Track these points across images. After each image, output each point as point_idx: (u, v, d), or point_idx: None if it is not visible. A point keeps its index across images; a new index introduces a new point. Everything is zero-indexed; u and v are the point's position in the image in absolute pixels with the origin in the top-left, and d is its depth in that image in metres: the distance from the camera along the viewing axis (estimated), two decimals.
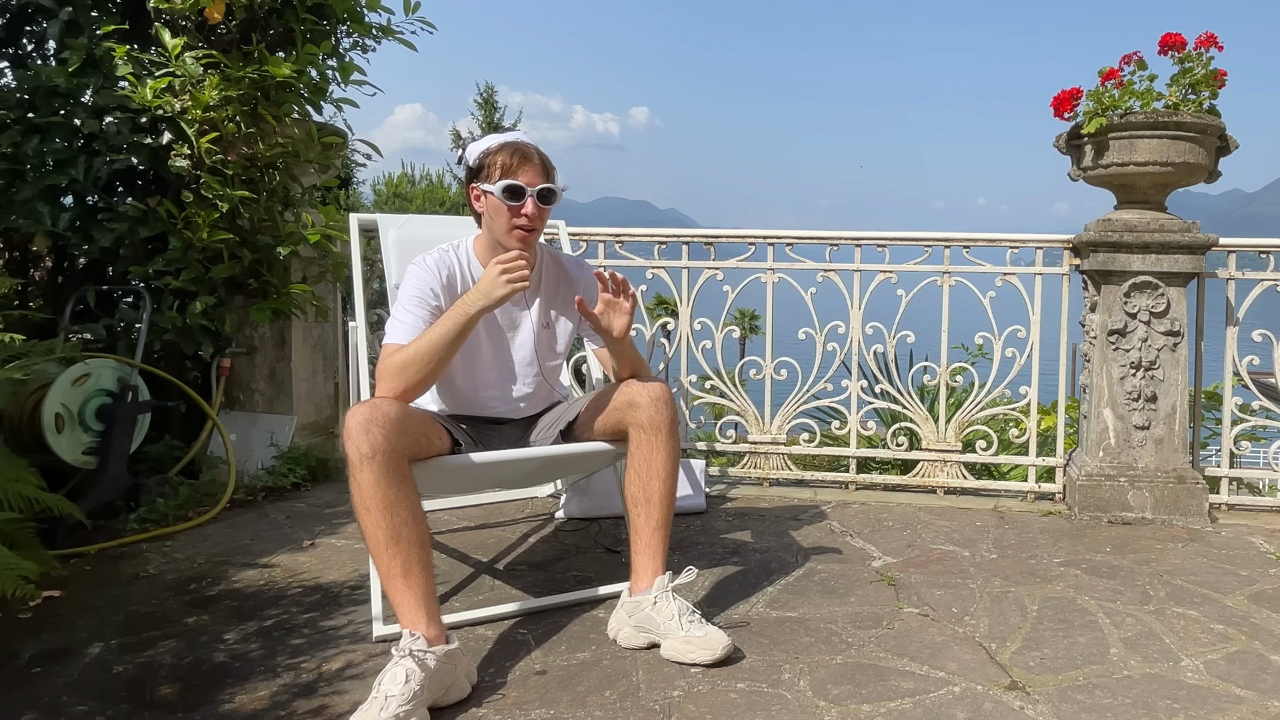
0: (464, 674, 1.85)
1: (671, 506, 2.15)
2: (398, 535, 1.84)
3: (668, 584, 2.05)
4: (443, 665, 1.77)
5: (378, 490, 1.84)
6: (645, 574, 2.09)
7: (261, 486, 3.31)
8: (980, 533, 2.99)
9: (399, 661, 1.73)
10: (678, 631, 1.97)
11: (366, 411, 1.88)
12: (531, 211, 2.12)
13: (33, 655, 2.01)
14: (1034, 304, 3.44)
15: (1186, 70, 3.05)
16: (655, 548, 2.11)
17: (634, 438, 2.14)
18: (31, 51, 3.49)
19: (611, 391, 2.21)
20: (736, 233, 3.65)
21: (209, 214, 3.13)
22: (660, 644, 2.01)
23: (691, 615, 2.01)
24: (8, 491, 2.20)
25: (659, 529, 2.11)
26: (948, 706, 1.82)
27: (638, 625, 2.05)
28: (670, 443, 2.13)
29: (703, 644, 1.95)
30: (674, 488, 2.15)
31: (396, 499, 1.85)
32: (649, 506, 2.11)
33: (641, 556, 2.11)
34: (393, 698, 1.66)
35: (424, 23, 3.61)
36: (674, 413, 2.15)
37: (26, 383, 2.82)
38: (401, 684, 1.68)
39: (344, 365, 3.64)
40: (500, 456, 2.19)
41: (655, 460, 2.12)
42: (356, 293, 2.72)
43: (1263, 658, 2.06)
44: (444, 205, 21.36)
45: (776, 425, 3.60)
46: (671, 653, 1.98)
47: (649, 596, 2.04)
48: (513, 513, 3.17)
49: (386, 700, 1.66)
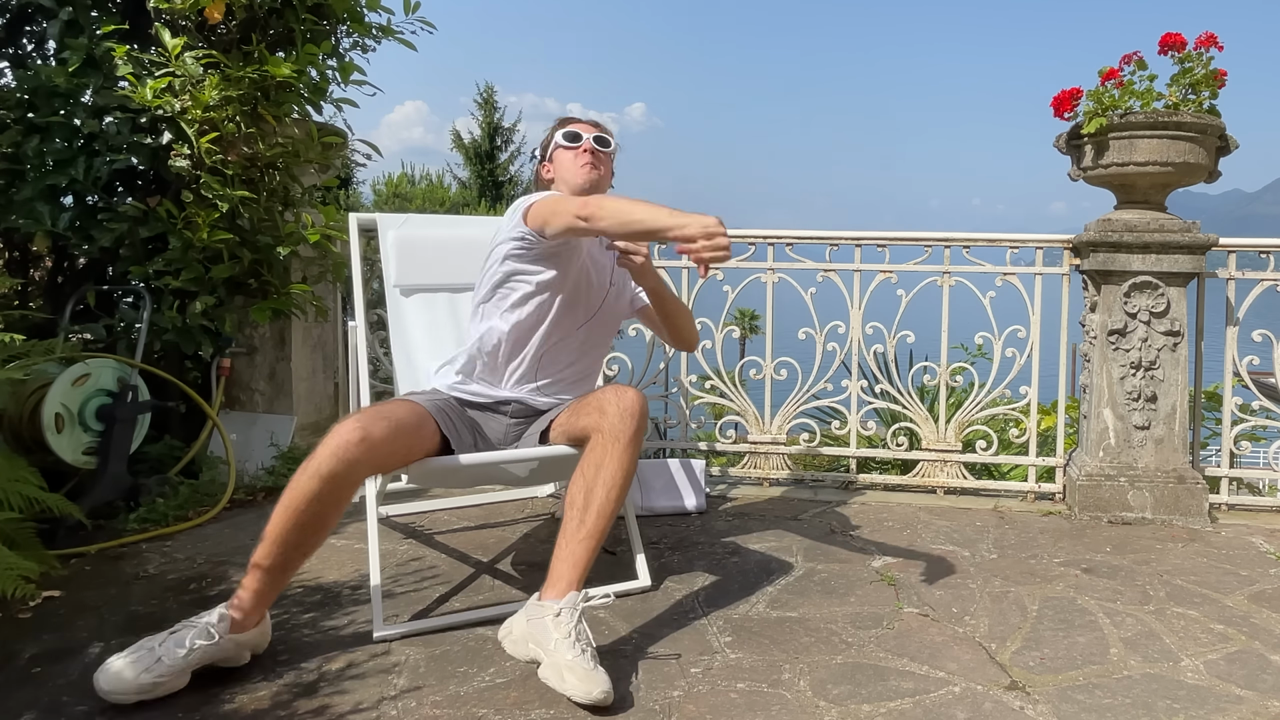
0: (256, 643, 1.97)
1: (609, 521, 2.02)
2: (301, 542, 1.91)
3: (579, 602, 1.91)
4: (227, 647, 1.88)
5: (309, 505, 1.88)
6: (559, 583, 1.94)
7: (261, 487, 3.31)
8: (980, 533, 2.99)
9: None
10: (565, 655, 1.80)
11: (353, 433, 1.90)
12: (591, 148, 2.34)
13: (33, 655, 2.01)
14: (1034, 304, 3.44)
15: (1186, 70, 3.05)
16: (579, 558, 1.96)
17: (592, 441, 2.07)
18: (31, 51, 3.49)
19: (590, 396, 2.21)
20: (736, 233, 3.64)
21: (209, 214, 3.13)
22: (541, 661, 1.85)
23: (587, 644, 1.85)
24: (8, 491, 2.20)
25: (588, 539, 1.98)
26: (948, 706, 1.82)
27: (529, 634, 1.91)
28: (627, 455, 2.04)
29: (583, 676, 1.76)
30: (618, 503, 2.03)
31: (318, 519, 1.91)
32: (585, 513, 1.99)
33: (562, 564, 1.96)
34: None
35: (424, 23, 3.61)
36: (640, 427, 2.07)
37: (26, 383, 2.82)
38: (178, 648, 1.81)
39: (344, 365, 3.64)
40: (492, 458, 2.22)
41: (606, 468, 2.02)
42: (356, 293, 2.72)
43: (1263, 658, 2.06)
44: (444, 205, 21.38)
45: (776, 425, 3.60)
46: (548, 674, 1.81)
47: (554, 606, 1.89)
48: (513, 513, 3.17)
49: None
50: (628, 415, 2.07)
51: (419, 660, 2.00)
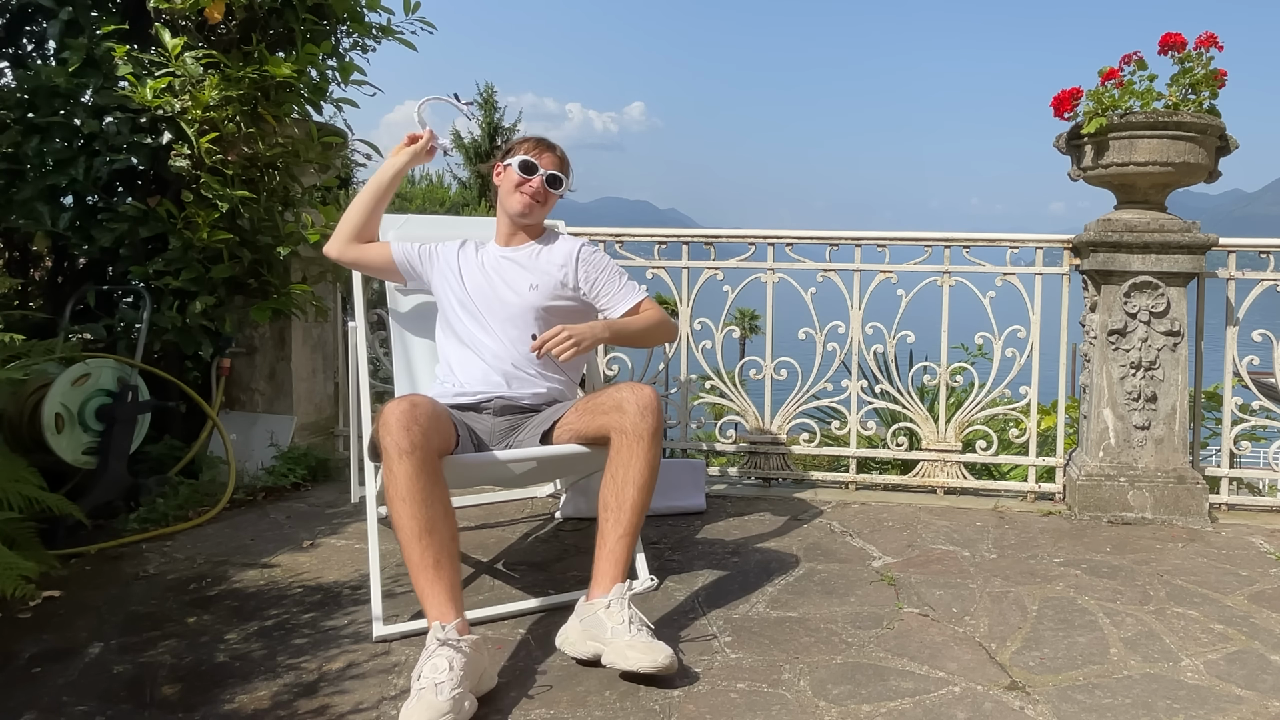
0: (490, 665, 1.86)
1: (642, 515, 2.11)
2: (433, 527, 1.90)
3: (625, 591, 1.99)
4: (475, 654, 1.78)
5: (415, 483, 1.89)
6: (605, 580, 2.03)
7: (261, 486, 3.31)
8: (980, 533, 2.99)
9: (438, 651, 1.74)
10: (623, 636, 1.89)
11: (406, 408, 1.95)
12: (537, 186, 2.46)
13: (33, 655, 2.01)
14: (1034, 304, 3.44)
15: (1186, 70, 3.05)
16: (619, 555, 2.05)
17: (615, 442, 2.13)
18: (31, 51, 3.49)
19: (602, 395, 2.23)
20: (736, 233, 3.65)
21: (209, 214, 3.13)
22: (603, 652, 1.91)
23: (642, 625, 1.93)
24: (8, 491, 2.20)
25: (625, 536, 2.07)
26: (948, 706, 1.82)
27: (585, 630, 1.97)
28: (651, 452, 2.11)
29: (645, 649, 1.85)
30: (648, 498, 2.11)
31: (431, 493, 1.92)
32: (620, 513, 2.07)
33: (604, 562, 2.05)
34: (443, 683, 1.67)
35: (424, 23, 3.61)
36: (659, 422, 2.14)
37: (26, 383, 2.82)
38: (447, 670, 1.69)
39: (344, 365, 3.64)
40: (495, 457, 2.22)
41: (634, 467, 2.09)
42: (356, 293, 2.72)
43: (1263, 658, 2.06)
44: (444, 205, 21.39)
45: (776, 425, 3.60)
46: (612, 657, 1.88)
47: (603, 600, 1.98)
48: (513, 513, 3.17)
49: (438, 686, 1.66)
50: (648, 412, 2.12)
51: (419, 660, 2.00)
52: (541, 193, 2.48)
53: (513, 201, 2.48)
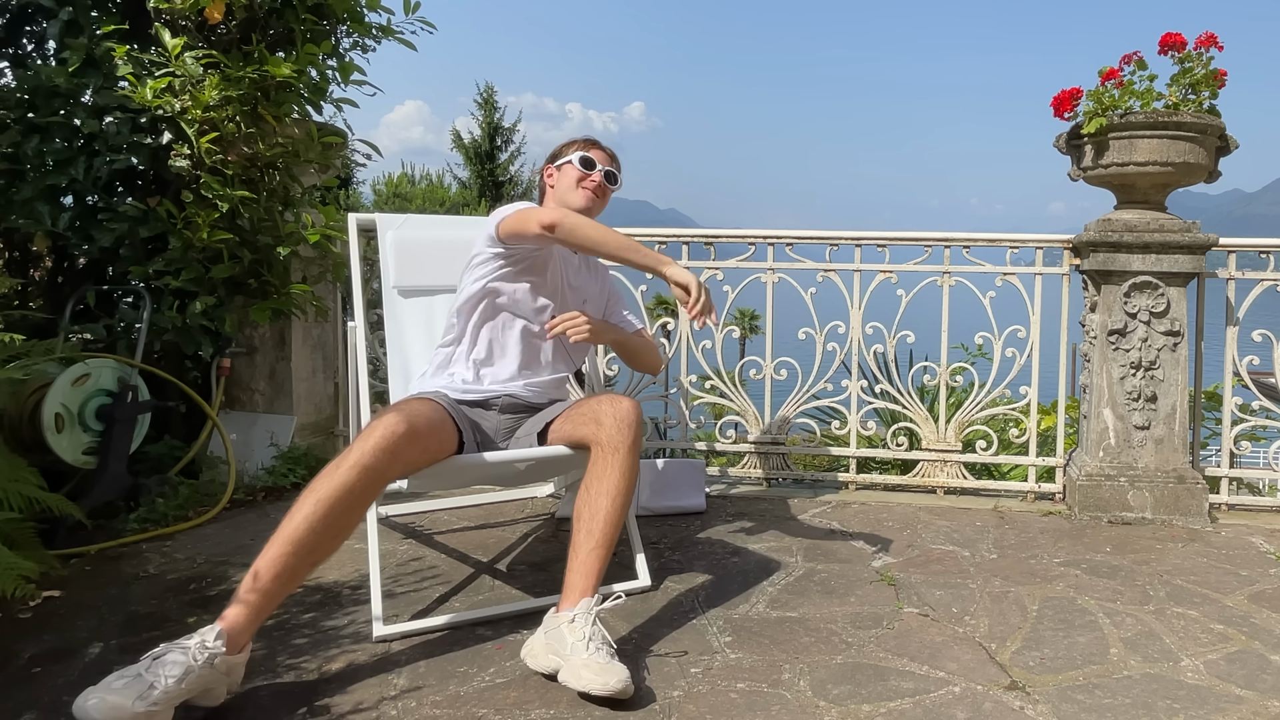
0: (231, 684, 1.79)
1: (617, 528, 2.07)
2: (316, 546, 1.83)
3: (592, 606, 1.94)
4: (211, 672, 1.70)
5: (340, 499, 1.84)
6: (573, 593, 1.98)
7: (261, 486, 3.31)
8: (980, 533, 2.99)
9: (175, 659, 1.66)
10: (580, 655, 1.83)
11: (403, 432, 1.92)
12: (599, 181, 2.48)
13: (33, 655, 2.01)
14: (1034, 304, 3.44)
15: (1186, 70, 3.05)
16: (590, 568, 2.01)
17: (592, 454, 2.13)
18: (31, 51, 3.49)
19: (585, 404, 2.25)
20: (736, 233, 3.65)
21: (209, 214, 3.12)
22: (560, 668, 1.86)
23: (603, 643, 1.87)
24: (8, 491, 2.20)
25: (597, 549, 2.03)
26: (948, 706, 1.82)
27: (548, 643, 1.92)
28: (627, 463, 2.10)
29: (599, 670, 1.78)
30: (623, 510, 2.08)
31: (343, 518, 1.85)
32: (591, 524, 2.04)
33: (574, 575, 2.01)
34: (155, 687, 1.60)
35: (424, 22, 3.61)
36: (637, 435, 2.13)
37: (26, 383, 2.82)
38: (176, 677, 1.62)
39: (344, 365, 3.64)
40: (494, 458, 2.22)
41: (608, 479, 2.08)
42: (356, 293, 2.71)
43: (1263, 658, 2.06)
44: (444, 205, 21.38)
45: (777, 425, 3.60)
46: (567, 675, 1.83)
47: (569, 614, 1.93)
48: (513, 513, 3.17)
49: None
50: (624, 425, 2.12)
51: (419, 660, 2.00)
52: (602, 187, 2.49)
53: (575, 197, 2.45)
